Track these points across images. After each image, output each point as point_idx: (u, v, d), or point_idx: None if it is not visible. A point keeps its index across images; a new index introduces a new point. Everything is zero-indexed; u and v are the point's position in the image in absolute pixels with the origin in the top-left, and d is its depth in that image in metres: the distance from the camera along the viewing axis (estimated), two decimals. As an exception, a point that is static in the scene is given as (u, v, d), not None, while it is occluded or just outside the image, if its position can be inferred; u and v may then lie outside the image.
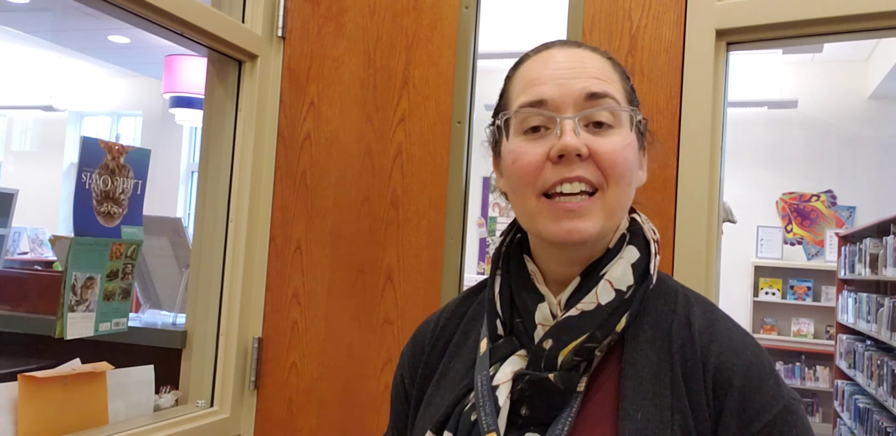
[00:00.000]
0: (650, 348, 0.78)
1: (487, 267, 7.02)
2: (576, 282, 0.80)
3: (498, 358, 0.81)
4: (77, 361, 1.37)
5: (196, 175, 2.22)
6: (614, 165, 0.77)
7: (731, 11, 1.31)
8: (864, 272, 4.67)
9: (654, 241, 0.84)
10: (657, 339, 0.78)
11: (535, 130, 0.79)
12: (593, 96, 0.78)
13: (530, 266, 0.85)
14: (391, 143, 1.58)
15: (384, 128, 1.59)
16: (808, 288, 6.08)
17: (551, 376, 0.75)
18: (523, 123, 0.80)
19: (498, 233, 7.54)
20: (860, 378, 4.69)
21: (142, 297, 2.09)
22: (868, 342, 4.80)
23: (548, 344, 0.77)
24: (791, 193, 6.23)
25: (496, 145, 0.86)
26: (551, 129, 0.77)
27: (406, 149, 1.57)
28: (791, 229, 6.26)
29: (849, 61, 6.13)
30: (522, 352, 0.80)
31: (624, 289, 0.78)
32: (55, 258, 5.21)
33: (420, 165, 1.55)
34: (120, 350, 1.63)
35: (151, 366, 1.51)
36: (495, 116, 0.86)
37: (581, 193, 0.76)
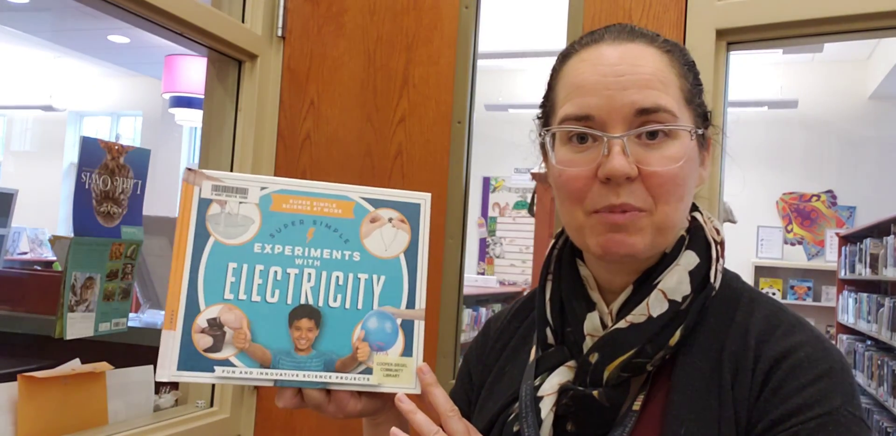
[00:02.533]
0: (703, 361, 0.72)
1: (489, 267, 7.02)
2: (628, 291, 0.76)
3: (546, 368, 0.77)
4: (77, 361, 1.37)
5: (196, 175, 2.20)
6: (663, 184, 0.72)
7: (731, 11, 1.31)
8: (864, 272, 4.66)
9: (717, 242, 0.78)
10: (712, 350, 0.73)
11: (582, 139, 0.74)
12: (644, 112, 0.72)
13: (583, 271, 0.81)
14: (391, 143, 1.58)
15: (384, 128, 1.58)
16: (809, 288, 6.08)
17: (596, 393, 0.72)
18: (569, 132, 0.75)
19: (498, 233, 7.54)
20: (860, 378, 4.69)
21: (142, 297, 2.09)
22: (868, 342, 4.80)
23: (594, 358, 0.73)
24: (791, 193, 6.23)
25: (543, 145, 0.81)
26: (599, 141, 0.73)
27: (406, 149, 1.56)
28: (791, 229, 6.26)
29: (849, 61, 6.13)
30: (572, 363, 0.76)
31: (679, 299, 0.73)
32: (55, 258, 5.21)
33: (420, 165, 1.54)
34: (120, 350, 1.63)
35: (151, 366, 1.51)
36: (542, 108, 0.82)
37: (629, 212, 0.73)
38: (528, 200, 6.71)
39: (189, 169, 0.76)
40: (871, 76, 5.97)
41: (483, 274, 6.78)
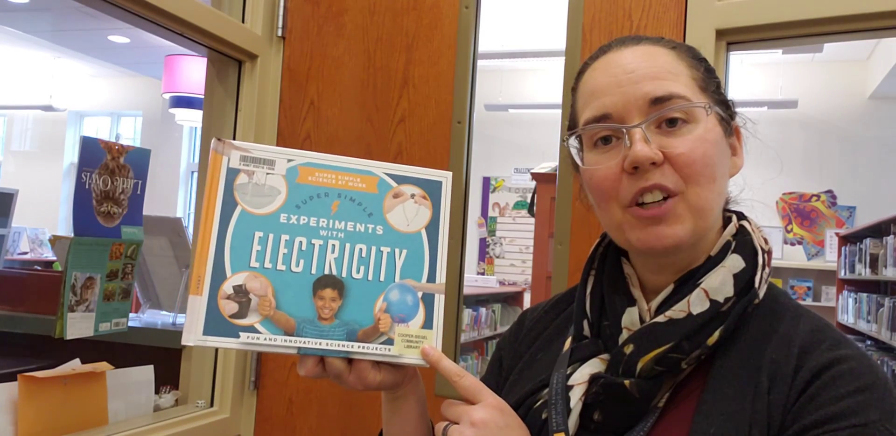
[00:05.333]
0: (740, 366, 0.72)
1: (489, 267, 7.02)
2: (669, 289, 0.76)
3: (578, 358, 0.79)
4: (77, 361, 1.37)
5: (196, 175, 2.22)
6: (691, 164, 0.73)
7: (731, 11, 1.31)
8: (864, 272, 4.67)
9: (765, 251, 0.78)
10: (752, 356, 0.73)
11: (606, 140, 0.77)
12: (658, 101, 0.74)
13: (627, 269, 0.82)
14: (391, 143, 1.58)
15: (384, 128, 1.59)
16: (808, 288, 6.08)
17: (627, 382, 0.72)
18: (593, 136, 0.78)
19: (498, 233, 7.52)
20: (860, 378, 4.69)
21: (142, 297, 2.09)
22: (868, 342, 4.80)
23: (629, 349, 0.74)
24: (791, 193, 6.23)
25: (573, 161, 0.84)
26: (621, 138, 0.75)
27: (406, 149, 1.57)
28: (791, 229, 6.26)
29: (849, 61, 6.13)
30: (605, 356, 0.77)
31: (721, 300, 0.73)
32: (55, 258, 5.21)
33: (420, 165, 1.53)
34: (120, 350, 1.63)
35: (151, 366, 1.51)
36: (569, 131, 0.84)
37: (664, 199, 0.74)
38: (528, 200, 6.71)
39: (218, 139, 0.76)
40: (871, 76, 5.97)
41: (483, 274, 6.78)
